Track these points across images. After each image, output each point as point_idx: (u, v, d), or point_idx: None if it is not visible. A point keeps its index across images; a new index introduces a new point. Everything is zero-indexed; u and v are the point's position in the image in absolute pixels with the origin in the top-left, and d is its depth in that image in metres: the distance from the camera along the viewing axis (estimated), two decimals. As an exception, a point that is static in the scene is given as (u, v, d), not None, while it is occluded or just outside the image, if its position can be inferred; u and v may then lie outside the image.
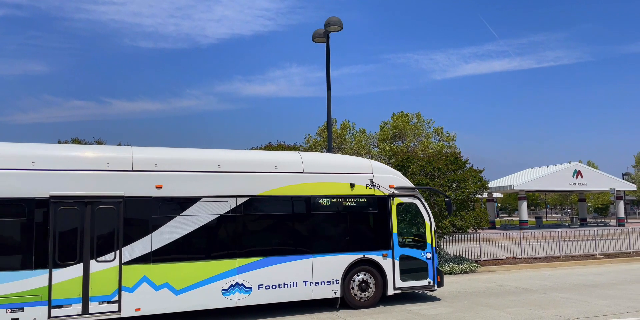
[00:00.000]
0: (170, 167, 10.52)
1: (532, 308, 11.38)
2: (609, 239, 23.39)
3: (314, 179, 11.54)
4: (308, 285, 11.15)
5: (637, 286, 14.32)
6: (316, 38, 17.09)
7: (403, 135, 49.38)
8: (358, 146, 47.67)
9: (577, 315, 10.54)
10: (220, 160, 10.97)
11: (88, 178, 9.91)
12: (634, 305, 11.55)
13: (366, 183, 11.93)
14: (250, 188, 10.98)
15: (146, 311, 9.94)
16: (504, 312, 11.00)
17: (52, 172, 9.70)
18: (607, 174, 46.05)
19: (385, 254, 11.86)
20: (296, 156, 11.76)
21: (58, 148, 10.22)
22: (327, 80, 16.88)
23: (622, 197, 46.85)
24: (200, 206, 10.55)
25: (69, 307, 9.49)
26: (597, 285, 14.50)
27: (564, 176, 43.80)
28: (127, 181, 10.14)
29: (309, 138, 49.48)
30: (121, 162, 10.22)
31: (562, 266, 19.38)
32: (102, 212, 9.90)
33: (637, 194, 61.94)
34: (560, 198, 71.84)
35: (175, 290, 10.14)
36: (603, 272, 17.68)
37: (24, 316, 9.17)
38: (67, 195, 9.71)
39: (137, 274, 9.93)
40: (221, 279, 10.49)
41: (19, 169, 9.52)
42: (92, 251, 9.74)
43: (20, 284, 9.20)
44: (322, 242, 11.43)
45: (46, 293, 9.33)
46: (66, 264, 9.53)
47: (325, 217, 11.54)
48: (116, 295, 9.78)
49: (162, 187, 10.32)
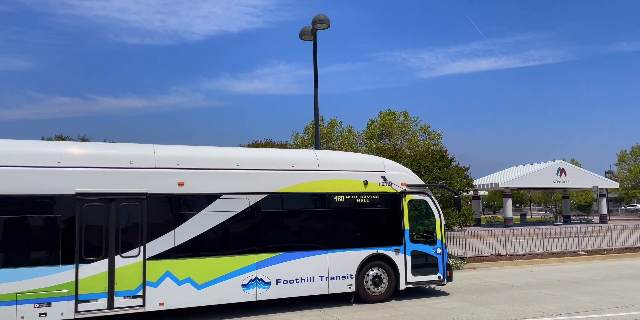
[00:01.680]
0: (192, 165, 10.73)
1: (516, 304, 11.56)
2: (591, 236, 23.71)
3: (328, 177, 11.82)
4: (324, 280, 11.45)
5: (618, 282, 14.52)
6: (303, 36, 17.08)
7: (390, 133, 49.91)
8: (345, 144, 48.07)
9: (560, 311, 10.72)
10: (239, 158, 11.21)
11: (112, 175, 10.09)
12: (616, 301, 11.75)
13: (379, 180, 12.25)
14: (268, 185, 11.24)
15: (169, 305, 10.16)
16: (489, 308, 11.16)
17: (77, 170, 9.87)
18: (591, 172, 46.84)
19: (398, 249, 12.21)
20: (311, 154, 12.04)
21: (83, 146, 10.36)
22: (315, 78, 16.90)
23: (605, 194, 47.69)
24: (221, 203, 10.78)
25: (95, 301, 9.67)
26: (579, 282, 14.73)
27: (548, 174, 44.41)
28: (150, 178, 10.34)
29: (297, 136, 49.74)
30: (144, 160, 10.41)
31: (545, 263, 19.66)
32: (126, 208, 10.09)
33: (619, 191, 63.24)
34: (544, 196, 72.96)
35: (197, 285, 10.37)
36: (585, 268, 17.99)
37: (52, 311, 9.34)
38: (93, 192, 9.88)
39: (160, 269, 10.14)
40: (241, 273, 10.74)
41: (45, 166, 9.67)
42: (117, 247, 9.93)
43: (48, 279, 9.36)
44: (337, 238, 11.73)
45: (73, 288, 9.50)
46: (92, 260, 9.71)
47: (340, 214, 11.84)
48: (140, 290, 9.98)
49: (184, 184, 10.53)
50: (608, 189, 49.38)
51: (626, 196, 68.74)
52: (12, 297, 9.10)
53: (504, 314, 10.57)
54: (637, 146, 63.17)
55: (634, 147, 63.37)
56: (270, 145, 48.05)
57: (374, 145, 47.72)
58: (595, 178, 46.26)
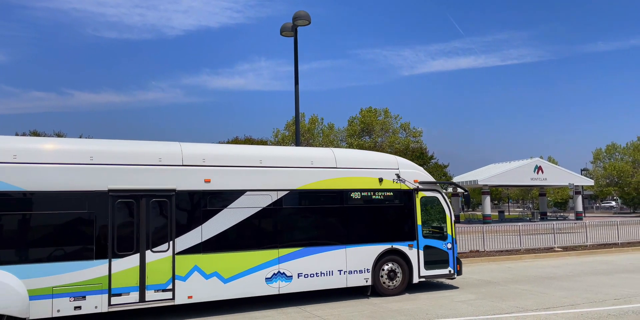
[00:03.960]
0: (217, 162, 11.03)
1: (493, 300, 11.75)
2: (567, 233, 24.17)
3: (346, 174, 12.23)
4: (342, 274, 11.87)
5: (593, 278, 14.81)
6: (284, 32, 17.14)
7: (371, 131, 50.44)
8: (326, 141, 48.49)
9: (536, 307, 10.91)
10: (261, 155, 11.54)
11: (143, 172, 10.34)
12: (590, 296, 12.00)
13: (393, 178, 12.70)
14: (289, 182, 11.59)
15: (197, 299, 10.46)
16: (466, 304, 11.35)
17: (109, 166, 10.10)
18: (567, 169, 47.90)
19: (411, 244, 12.68)
20: (329, 152, 12.43)
21: (113, 143, 10.56)
22: (295, 74, 17.01)
23: (581, 192, 48.82)
24: (245, 199, 11.11)
25: (127, 295, 9.93)
26: (555, 278, 15.00)
27: (526, 172, 45.31)
28: (178, 175, 10.61)
29: (278, 132, 50.06)
30: (172, 157, 10.67)
31: (522, 259, 19.95)
32: (156, 204, 10.35)
33: (594, 189, 64.87)
34: (522, 193, 74.42)
35: (223, 278, 10.69)
36: (561, 264, 18.29)
37: (86, 304, 9.58)
38: (125, 189, 10.13)
39: (189, 264, 10.43)
40: (265, 268, 11.10)
41: (78, 163, 9.88)
42: (147, 242, 10.19)
43: (82, 273, 9.60)
44: (355, 233, 12.16)
45: (106, 282, 9.75)
46: (124, 254, 9.96)
47: (357, 210, 12.25)
48: (170, 283, 10.26)
49: (210, 181, 10.83)
50: (584, 186, 50.55)
51: (601, 193, 70.53)
52: (49, 291, 9.31)
53: (481, 309, 10.77)
54: (611, 144, 64.81)
55: (608, 146, 64.99)
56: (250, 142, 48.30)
57: (354, 142, 48.27)
58: (571, 175, 47.38)
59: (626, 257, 20.32)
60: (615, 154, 64.46)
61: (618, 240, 24.01)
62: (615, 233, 24.22)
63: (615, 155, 64.52)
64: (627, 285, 13.36)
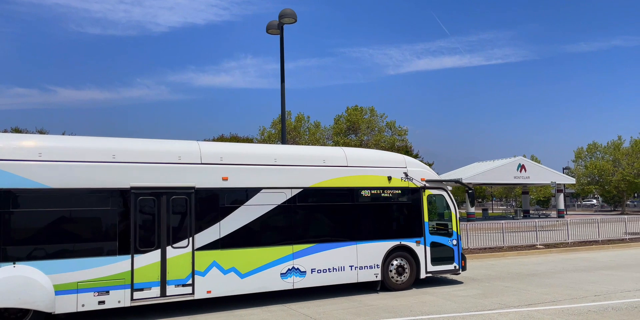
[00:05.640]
0: (234, 160, 11.30)
1: (475, 297, 11.91)
2: (549, 230, 24.66)
3: (356, 172, 12.57)
4: (354, 269, 12.21)
5: (574, 275, 15.05)
6: (270, 30, 17.14)
7: (357, 129, 50.86)
8: (312, 139, 48.74)
9: (518, 303, 11.06)
10: (275, 154, 11.83)
11: (163, 170, 10.58)
12: (570, 293, 12.19)
13: (401, 176, 13.08)
14: (302, 180, 11.90)
15: (216, 293, 10.73)
16: (450, 300, 11.51)
17: (131, 165, 10.32)
18: (549, 168, 48.67)
19: (419, 241, 13.08)
20: (340, 151, 12.77)
21: (134, 142, 10.78)
22: (281, 72, 17.07)
23: (563, 190, 49.66)
24: (261, 197, 11.40)
25: (149, 290, 10.17)
26: (537, 274, 15.22)
27: (509, 170, 45.92)
28: (197, 173, 10.86)
29: (264, 130, 50.18)
30: (191, 156, 10.92)
31: (505, 256, 20.20)
32: (176, 202, 10.60)
33: (576, 187, 66.03)
34: (505, 191, 75.31)
35: (240, 274, 10.97)
36: (543, 261, 18.54)
37: (110, 299, 9.80)
38: (146, 186, 10.36)
39: (207, 259, 10.70)
40: (280, 263, 11.40)
41: (101, 161, 10.09)
42: (168, 238, 10.44)
43: (106, 268, 9.82)
44: (365, 230, 12.52)
45: (129, 277, 9.98)
46: (146, 250, 10.20)
47: (368, 207, 12.61)
48: (190, 278, 10.52)
49: (227, 179, 11.09)
50: (565, 185, 51.44)
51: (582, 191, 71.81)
52: (74, 286, 9.52)
53: (464, 306, 10.89)
54: (593, 144, 65.90)
55: (590, 145, 66.04)
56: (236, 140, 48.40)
57: (340, 140, 48.59)
58: (554, 174, 48.15)
59: (606, 254, 20.68)
60: (597, 153, 65.54)
61: (599, 237, 24.52)
62: (596, 231, 24.75)
63: (596, 154, 65.59)
64: (607, 282, 13.62)
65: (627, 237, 25.27)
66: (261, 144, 12.24)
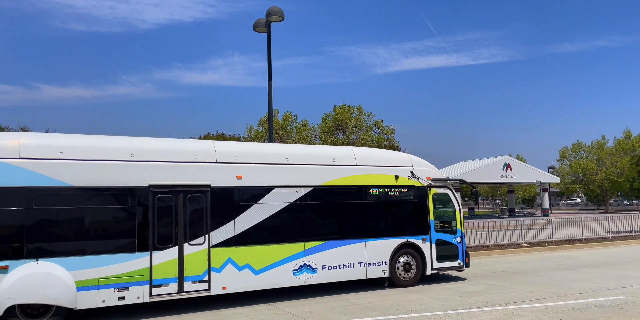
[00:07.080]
0: (248, 160, 11.54)
1: (461, 295, 12.00)
2: (534, 229, 25.06)
3: (365, 171, 12.86)
4: (362, 266, 12.51)
5: (558, 273, 15.20)
6: (257, 28, 17.13)
7: (344, 128, 51.05)
8: (300, 138, 48.88)
9: (503, 301, 11.14)
10: (287, 153, 12.08)
11: (181, 169, 10.79)
12: (555, 290, 12.32)
13: (408, 175, 13.39)
14: (313, 179, 12.18)
15: (231, 289, 10.97)
16: (435, 299, 11.58)
17: (149, 163, 10.52)
18: (534, 167, 48.99)
19: (425, 238, 13.41)
20: (349, 150, 13.05)
21: (151, 141, 10.97)
22: (269, 70, 17.10)
23: (547, 189, 50.19)
24: (274, 195, 11.65)
25: (166, 286, 10.38)
26: (522, 273, 15.37)
27: (495, 169, 46.17)
28: (213, 172, 11.09)
29: (251, 129, 50.16)
30: (207, 155, 11.14)
31: (491, 254, 20.32)
32: (193, 199, 10.81)
33: (560, 186, 66.88)
34: (491, 190, 76.04)
35: (254, 270, 11.22)
36: (528, 260, 18.72)
37: (129, 295, 10.00)
38: (164, 184, 10.56)
39: (223, 256, 10.93)
40: (292, 260, 11.67)
41: (121, 160, 10.28)
42: (185, 235, 10.65)
43: (126, 265, 10.02)
44: (373, 228, 12.83)
45: (148, 273, 10.18)
46: (164, 247, 10.41)
47: (376, 205, 12.91)
48: (206, 275, 10.74)
49: (242, 178, 11.33)
50: (550, 184, 52.02)
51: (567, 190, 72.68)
52: (95, 282, 9.71)
53: (449, 304, 10.94)
54: (577, 143, 66.85)
55: (574, 144, 67.01)
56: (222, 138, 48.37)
57: (328, 139, 48.80)
58: (539, 173, 48.58)
59: (590, 253, 20.94)
60: (581, 152, 66.49)
61: (582, 236, 24.88)
62: (580, 229, 25.12)
63: (580, 153, 66.54)
64: (590, 280, 13.77)
65: (611, 236, 25.67)
66: (273, 143, 12.47)
